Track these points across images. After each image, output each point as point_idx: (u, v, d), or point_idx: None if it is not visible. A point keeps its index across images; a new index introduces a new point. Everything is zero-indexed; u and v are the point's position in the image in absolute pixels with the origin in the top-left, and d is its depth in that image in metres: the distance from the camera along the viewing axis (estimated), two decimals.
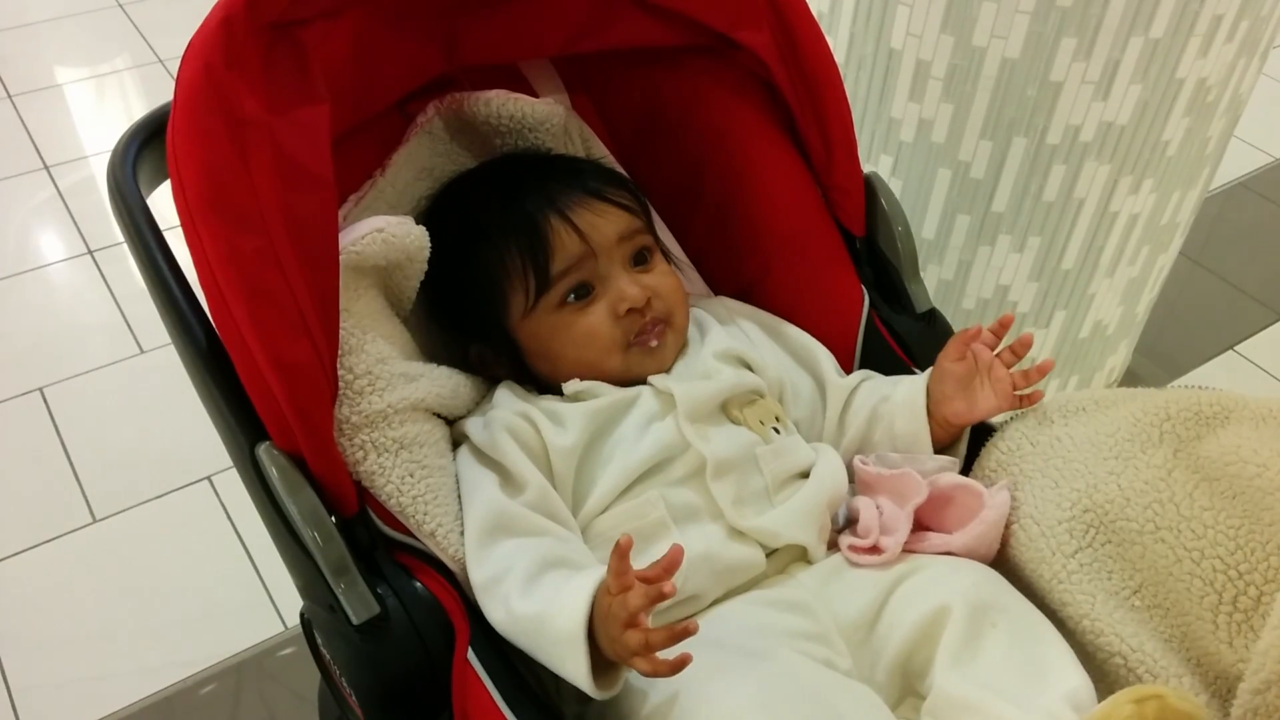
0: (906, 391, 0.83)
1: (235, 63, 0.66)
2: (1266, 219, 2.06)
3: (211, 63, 0.66)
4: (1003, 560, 0.75)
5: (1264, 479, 0.68)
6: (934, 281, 1.33)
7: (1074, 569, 0.71)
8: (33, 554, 1.42)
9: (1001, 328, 0.82)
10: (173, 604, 1.37)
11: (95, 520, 1.45)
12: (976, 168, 1.21)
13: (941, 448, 0.83)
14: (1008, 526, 0.76)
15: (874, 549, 0.75)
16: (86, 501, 1.48)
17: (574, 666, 0.64)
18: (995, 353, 0.82)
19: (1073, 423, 0.78)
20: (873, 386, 0.87)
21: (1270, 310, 1.84)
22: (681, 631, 0.62)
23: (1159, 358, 1.71)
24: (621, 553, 0.62)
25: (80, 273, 1.84)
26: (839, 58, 1.20)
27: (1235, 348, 1.76)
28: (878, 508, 0.77)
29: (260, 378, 0.66)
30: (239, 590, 1.38)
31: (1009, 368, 0.81)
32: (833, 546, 0.79)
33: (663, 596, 0.61)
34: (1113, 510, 0.72)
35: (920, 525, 0.76)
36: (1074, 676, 0.65)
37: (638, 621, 0.61)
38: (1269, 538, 0.66)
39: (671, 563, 0.62)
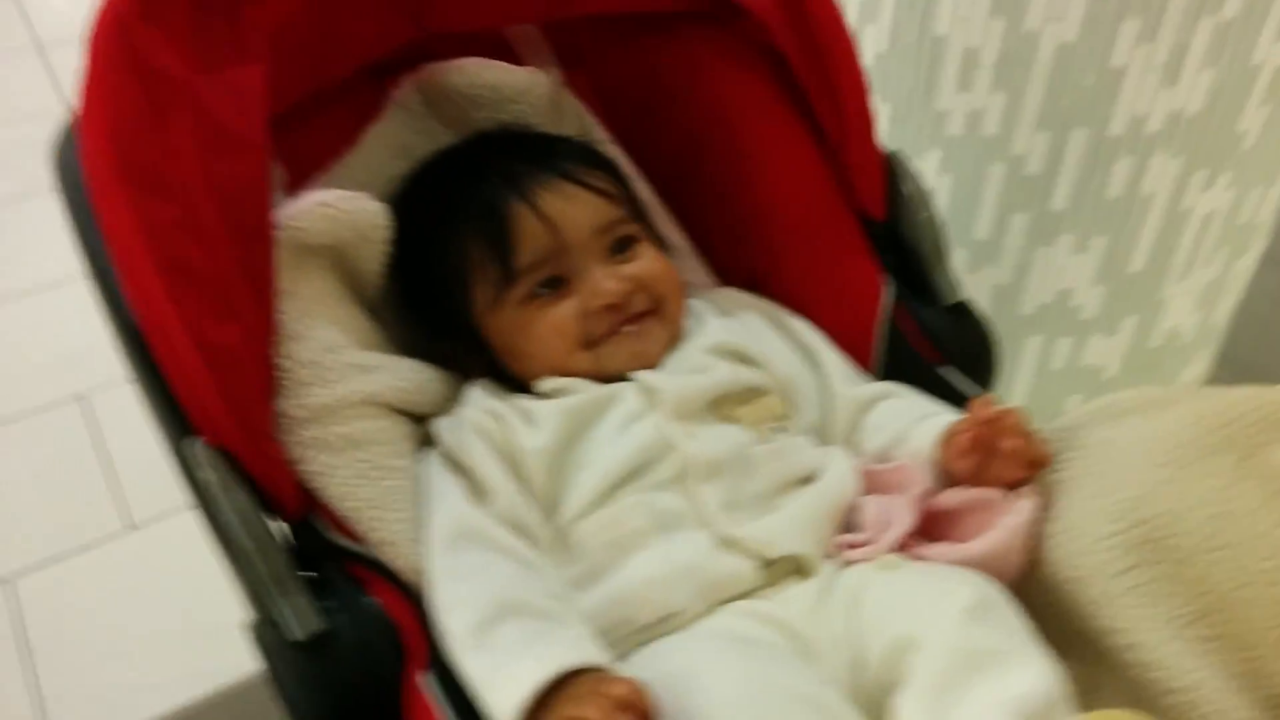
0: (919, 445, 0.74)
1: (152, 15, 0.61)
2: None
3: (122, 14, 0.60)
4: (1036, 580, 0.68)
5: None
6: (988, 285, 1.25)
7: (1120, 591, 0.63)
8: (71, 561, 1.42)
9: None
10: (210, 612, 1.36)
11: (136, 527, 1.46)
12: (1032, 162, 1.15)
13: None
14: (1043, 540, 0.68)
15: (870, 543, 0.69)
16: (127, 507, 1.49)
17: None
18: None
19: (1123, 425, 0.71)
20: (886, 415, 0.78)
21: None
22: None
23: (1245, 370, 1.60)
24: None
25: None
26: (881, 46, 1.15)
27: None
28: (879, 504, 0.71)
29: (183, 365, 0.61)
30: None
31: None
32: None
33: None
34: (1167, 525, 0.64)
35: (933, 537, 0.70)
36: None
37: None
38: None
39: None
